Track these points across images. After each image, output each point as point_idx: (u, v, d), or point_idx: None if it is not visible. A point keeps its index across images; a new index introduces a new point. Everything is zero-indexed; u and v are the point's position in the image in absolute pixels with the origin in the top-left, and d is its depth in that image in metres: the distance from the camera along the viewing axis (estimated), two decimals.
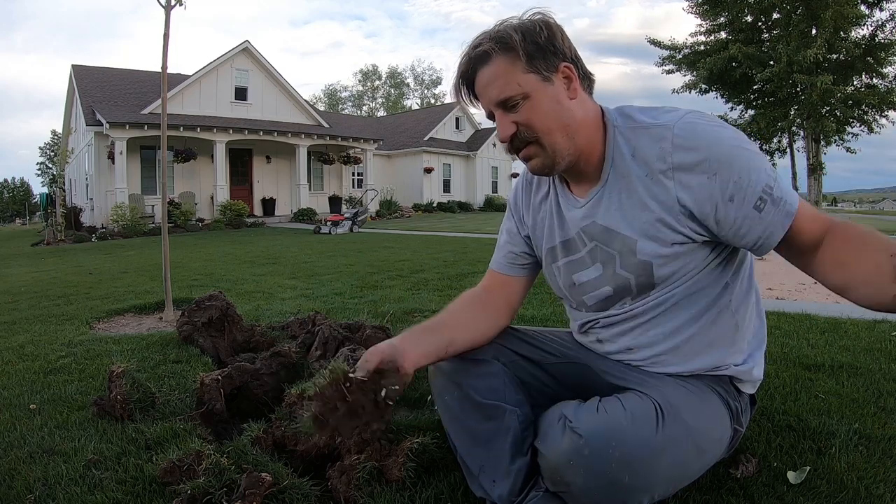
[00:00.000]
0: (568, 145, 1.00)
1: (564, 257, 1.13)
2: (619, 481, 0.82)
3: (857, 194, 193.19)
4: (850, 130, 14.29)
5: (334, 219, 13.51)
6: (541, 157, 1.01)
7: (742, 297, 1.06)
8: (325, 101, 52.19)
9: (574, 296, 1.15)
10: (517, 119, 0.99)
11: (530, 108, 0.98)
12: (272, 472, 1.17)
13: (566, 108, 0.99)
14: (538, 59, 0.97)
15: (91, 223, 16.13)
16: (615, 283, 1.06)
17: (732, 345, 1.05)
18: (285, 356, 1.85)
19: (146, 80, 17.85)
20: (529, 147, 1.01)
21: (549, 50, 0.98)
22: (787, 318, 2.81)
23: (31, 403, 1.73)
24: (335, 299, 3.66)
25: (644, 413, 0.88)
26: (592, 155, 1.03)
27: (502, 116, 1.00)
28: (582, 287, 1.12)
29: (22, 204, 64.14)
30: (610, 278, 1.06)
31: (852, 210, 61.70)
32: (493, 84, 0.99)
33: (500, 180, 28.04)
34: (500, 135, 1.01)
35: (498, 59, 0.98)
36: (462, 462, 1.11)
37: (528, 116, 0.98)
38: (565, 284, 1.15)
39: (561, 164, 1.01)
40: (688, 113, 0.98)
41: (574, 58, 1.01)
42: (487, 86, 1.00)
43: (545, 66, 0.98)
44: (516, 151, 1.03)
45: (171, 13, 3.29)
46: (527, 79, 0.97)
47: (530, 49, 0.97)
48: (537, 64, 0.97)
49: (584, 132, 1.01)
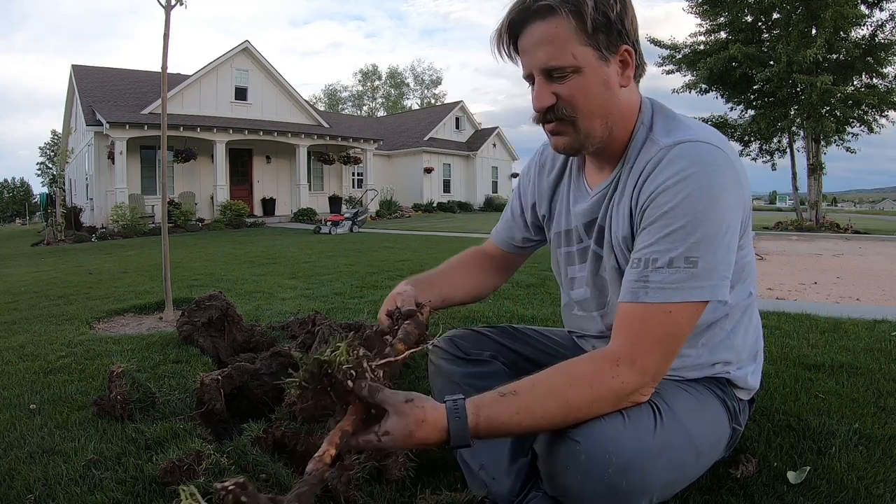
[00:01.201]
0: (603, 133, 0.95)
1: (566, 247, 1.14)
2: (616, 486, 0.81)
3: (857, 194, 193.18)
4: (850, 130, 14.27)
5: (334, 219, 13.50)
6: (570, 137, 0.95)
7: (738, 316, 1.04)
8: (325, 101, 52.17)
9: (566, 287, 1.17)
10: (560, 92, 0.91)
11: (578, 86, 0.90)
12: (272, 472, 1.17)
13: (614, 95, 0.93)
14: (602, 34, 0.88)
15: (91, 223, 16.12)
16: (595, 285, 1.07)
17: (729, 351, 1.05)
18: (285, 356, 1.85)
19: (146, 80, 17.84)
20: (562, 123, 0.94)
21: (616, 28, 0.89)
22: (787, 318, 2.81)
23: (31, 403, 1.73)
24: (335, 299, 3.65)
25: (641, 416, 0.87)
26: (619, 145, 0.99)
27: (543, 84, 0.91)
28: (571, 282, 1.14)
29: (22, 204, 64.11)
30: (591, 280, 1.07)
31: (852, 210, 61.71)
32: (546, 46, 0.89)
33: (500, 180, 28.05)
34: (536, 103, 0.93)
35: (559, 20, 0.88)
36: (462, 461, 1.11)
37: (573, 93, 0.90)
38: (563, 275, 1.17)
39: (588, 148, 0.97)
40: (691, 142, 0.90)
41: (635, 42, 0.93)
42: (538, 45, 0.90)
43: (607, 43, 0.89)
44: (545, 123, 0.96)
45: (171, 13, 3.29)
46: (584, 52, 0.88)
47: (599, 20, 0.87)
48: (599, 39, 0.88)
49: (620, 123, 0.96)
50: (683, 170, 0.87)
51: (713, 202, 0.85)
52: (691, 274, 0.85)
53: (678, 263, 0.85)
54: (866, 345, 2.25)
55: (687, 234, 0.85)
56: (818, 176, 14.44)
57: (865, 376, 1.84)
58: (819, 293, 4.13)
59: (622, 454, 0.81)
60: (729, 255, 0.88)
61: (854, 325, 2.63)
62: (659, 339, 0.86)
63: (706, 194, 0.85)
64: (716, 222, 0.85)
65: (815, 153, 14.22)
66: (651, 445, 0.85)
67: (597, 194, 1.04)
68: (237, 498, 0.64)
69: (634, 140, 0.98)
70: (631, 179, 0.96)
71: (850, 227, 12.92)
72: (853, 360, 2.01)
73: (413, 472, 1.20)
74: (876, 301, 3.79)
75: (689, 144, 0.89)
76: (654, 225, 0.88)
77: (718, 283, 0.86)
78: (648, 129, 0.97)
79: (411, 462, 1.21)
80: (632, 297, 0.88)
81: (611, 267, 1.01)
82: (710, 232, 0.85)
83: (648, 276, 0.86)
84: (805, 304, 3.45)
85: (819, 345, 2.26)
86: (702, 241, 0.84)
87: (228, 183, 17.13)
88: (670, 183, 0.87)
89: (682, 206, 0.85)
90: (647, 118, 0.98)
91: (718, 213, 0.85)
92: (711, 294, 0.86)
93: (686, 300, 0.85)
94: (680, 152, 0.88)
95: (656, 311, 0.85)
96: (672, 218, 0.86)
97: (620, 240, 0.97)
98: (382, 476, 1.21)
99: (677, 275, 0.85)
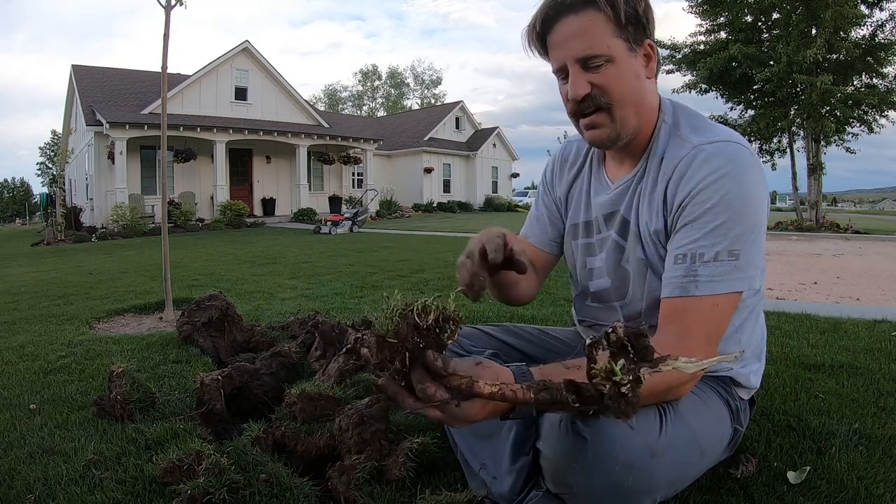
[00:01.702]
0: (635, 123, 0.98)
1: (584, 238, 1.14)
2: (622, 483, 0.81)
3: (857, 194, 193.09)
4: (850, 130, 14.27)
5: (334, 219, 13.51)
6: (607, 127, 0.97)
7: (746, 313, 1.05)
8: (325, 101, 52.18)
9: (582, 279, 1.16)
10: (595, 81, 0.94)
11: (613, 74, 0.93)
12: (272, 472, 1.17)
13: (643, 86, 0.97)
14: (631, 27, 0.93)
15: (91, 223, 16.13)
16: (616, 275, 1.07)
17: (735, 347, 1.05)
18: (285, 356, 1.85)
19: (146, 80, 17.84)
20: (599, 114, 0.96)
21: (643, 22, 0.94)
22: (787, 318, 2.81)
23: (31, 403, 1.73)
24: (335, 299, 3.65)
25: (647, 414, 0.87)
26: (643, 138, 1.02)
27: (578, 74, 0.94)
28: (590, 272, 1.13)
29: (22, 204, 64.09)
30: (612, 270, 1.07)
31: (852, 210, 61.71)
32: (581, 37, 0.92)
33: (500, 180, 28.05)
34: (573, 92, 0.95)
35: (592, 12, 0.92)
36: (462, 459, 1.11)
37: (608, 81, 0.93)
38: (580, 265, 1.16)
39: (622, 140, 0.99)
40: (724, 141, 0.94)
41: (654, 39, 0.98)
42: (572, 38, 0.93)
43: (634, 36, 0.94)
44: (581, 115, 0.98)
45: (171, 13, 3.29)
46: (616, 43, 0.93)
47: (630, 13, 0.92)
48: (629, 31, 0.93)
49: (646, 116, 1.00)
50: (720, 168, 0.91)
51: (748, 198, 0.90)
52: (734, 266, 0.89)
53: (723, 256, 0.89)
54: (866, 345, 2.25)
55: (728, 229, 0.89)
56: (818, 176, 14.44)
57: (865, 376, 1.84)
58: (819, 293, 4.13)
59: (629, 452, 0.82)
60: (761, 247, 0.93)
61: (854, 325, 2.63)
62: (709, 333, 0.90)
63: (742, 191, 0.90)
64: (751, 217, 0.90)
65: (815, 153, 14.21)
66: (657, 444, 0.85)
67: (619, 187, 1.06)
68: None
69: (658, 135, 1.01)
70: (662, 174, 0.98)
71: (850, 227, 12.92)
72: (853, 360, 2.01)
73: (413, 472, 1.20)
74: (876, 301, 3.79)
75: (722, 144, 0.93)
76: (697, 222, 0.91)
77: (754, 273, 0.92)
78: (672, 125, 1.01)
79: (411, 462, 1.21)
80: (681, 291, 0.90)
81: (636, 258, 1.03)
82: (748, 226, 0.90)
83: (697, 271, 0.90)
84: (805, 304, 3.45)
85: (819, 345, 2.26)
86: (741, 234, 0.89)
87: (228, 183, 17.13)
88: (709, 181, 0.91)
89: (723, 202, 0.89)
90: (669, 115, 1.02)
91: (752, 208, 0.90)
92: (749, 284, 0.91)
93: (729, 291, 0.89)
94: (714, 151, 0.93)
95: (706, 305, 0.89)
96: (715, 214, 0.90)
97: (652, 232, 0.99)
98: (382, 476, 1.21)
99: (722, 267, 0.89)
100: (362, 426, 1.26)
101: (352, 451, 1.24)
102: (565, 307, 3.06)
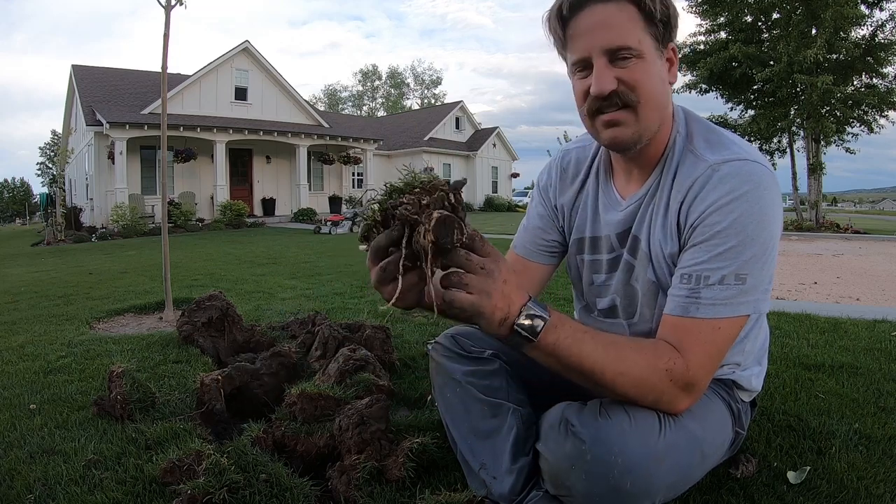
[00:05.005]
0: (655, 127, 0.94)
1: (591, 254, 1.12)
2: (620, 487, 0.81)
3: (857, 194, 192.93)
4: (850, 130, 14.26)
5: (334, 219, 13.51)
6: (630, 127, 0.91)
7: (752, 323, 1.03)
8: (325, 101, 52.19)
9: (588, 294, 1.15)
10: (622, 76, 0.88)
11: (643, 70, 0.88)
12: (272, 472, 1.17)
13: (667, 88, 0.94)
14: (661, 26, 0.88)
15: (91, 223, 16.12)
16: (625, 294, 1.06)
17: (739, 355, 1.05)
18: (285, 356, 1.85)
19: (146, 80, 17.84)
20: (623, 112, 0.90)
21: (671, 24, 0.90)
22: (787, 318, 2.81)
23: (31, 403, 1.73)
24: (335, 299, 3.66)
25: (647, 418, 0.87)
26: (656, 148, 0.98)
27: (605, 68, 0.88)
28: (597, 289, 1.12)
29: (22, 204, 64.07)
30: (621, 289, 1.06)
31: (852, 210, 61.63)
32: (611, 27, 0.86)
33: (500, 180, 28.05)
34: (597, 87, 0.88)
35: (624, 2, 0.87)
36: (462, 459, 1.10)
37: (637, 77, 0.88)
38: (586, 282, 1.14)
39: (641, 143, 0.94)
40: (740, 160, 0.90)
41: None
42: (599, 27, 0.87)
43: (662, 36, 0.89)
44: (600, 113, 0.92)
45: (171, 13, 3.29)
46: (646, 39, 0.88)
47: (661, 11, 0.87)
48: (659, 30, 0.88)
49: (665, 123, 0.96)
50: (734, 189, 0.87)
51: (762, 221, 0.87)
52: (740, 290, 0.87)
53: (729, 280, 0.87)
54: (866, 345, 2.25)
55: (738, 254, 0.86)
56: (818, 176, 14.43)
57: (865, 376, 1.84)
58: (819, 293, 4.14)
59: (628, 455, 0.81)
60: (772, 269, 0.91)
61: (854, 325, 2.63)
62: (709, 353, 0.87)
63: (756, 213, 0.87)
64: (764, 240, 0.87)
65: (815, 153, 14.20)
66: (656, 447, 0.84)
67: (631, 204, 1.02)
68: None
69: (672, 148, 0.97)
70: (676, 193, 0.95)
71: (849, 227, 12.91)
72: (853, 360, 2.01)
73: (413, 472, 1.20)
74: (876, 301, 3.79)
75: (738, 163, 0.89)
76: (706, 243, 0.89)
77: (761, 297, 0.89)
78: (685, 138, 0.97)
79: (411, 462, 1.21)
80: (681, 311, 0.89)
81: (645, 279, 1.00)
82: (759, 250, 0.87)
83: (700, 293, 0.87)
84: (805, 304, 3.45)
85: (819, 345, 2.26)
86: (751, 259, 0.86)
87: (228, 183, 17.13)
88: (722, 202, 0.88)
89: (735, 225, 0.86)
90: (682, 126, 0.98)
91: (766, 231, 0.87)
92: (755, 308, 0.89)
93: (732, 315, 0.87)
94: (729, 171, 0.89)
95: (706, 327, 0.87)
96: (725, 237, 0.87)
97: (666, 255, 0.96)
98: (382, 476, 1.21)
99: (727, 291, 0.87)
100: (362, 426, 1.26)
101: (352, 451, 1.24)
102: (565, 307, 3.06)
